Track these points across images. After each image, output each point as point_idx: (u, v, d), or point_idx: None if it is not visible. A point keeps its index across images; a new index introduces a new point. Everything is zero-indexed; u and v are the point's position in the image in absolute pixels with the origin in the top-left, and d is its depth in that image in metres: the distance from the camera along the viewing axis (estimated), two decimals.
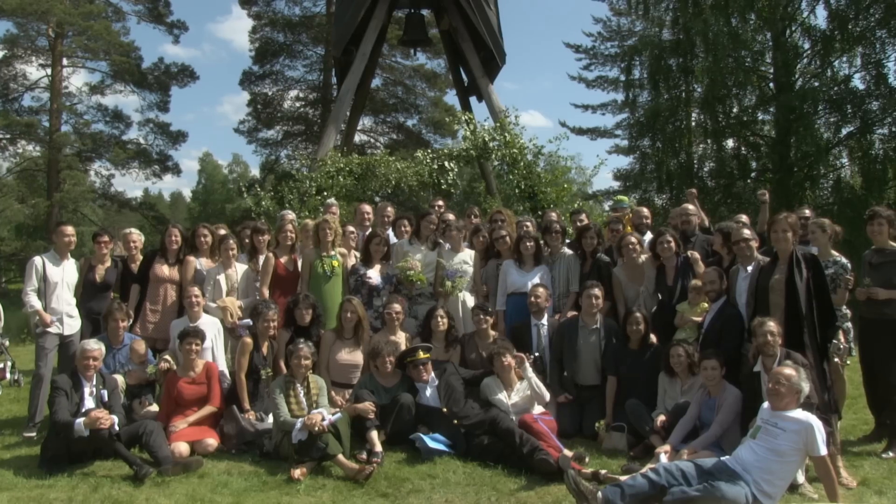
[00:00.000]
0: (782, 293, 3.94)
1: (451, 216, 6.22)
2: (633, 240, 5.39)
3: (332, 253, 5.55)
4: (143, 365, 4.89)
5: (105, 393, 4.18)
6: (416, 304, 5.61)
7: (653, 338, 4.94)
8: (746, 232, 4.68)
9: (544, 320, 5.27)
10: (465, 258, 5.69)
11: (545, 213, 7.05)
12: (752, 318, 4.04)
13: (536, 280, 5.48)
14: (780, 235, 4.10)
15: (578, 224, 6.22)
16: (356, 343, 5.08)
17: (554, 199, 9.94)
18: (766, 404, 3.42)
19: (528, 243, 5.55)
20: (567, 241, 6.10)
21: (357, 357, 5.04)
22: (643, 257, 5.35)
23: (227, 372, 5.01)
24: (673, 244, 5.20)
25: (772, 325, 3.84)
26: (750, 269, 4.48)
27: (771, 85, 16.79)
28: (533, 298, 5.20)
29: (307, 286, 5.49)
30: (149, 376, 4.78)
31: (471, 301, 5.56)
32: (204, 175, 47.20)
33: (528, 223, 6.25)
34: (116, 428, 3.96)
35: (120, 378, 4.65)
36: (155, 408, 4.70)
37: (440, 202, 6.99)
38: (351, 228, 5.95)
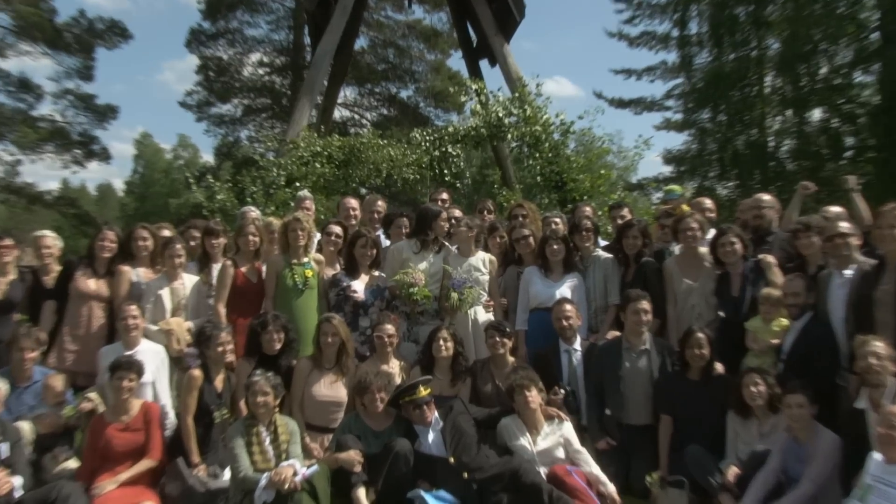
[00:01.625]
0: (892, 308, 3.87)
1: (457, 212, 6.27)
2: (694, 224, 5.33)
3: (306, 260, 5.51)
4: (59, 406, 4.65)
5: (4, 447, 4.04)
6: (416, 325, 5.55)
7: (718, 366, 4.84)
8: (844, 225, 4.57)
9: (577, 343, 5.21)
10: (478, 263, 5.60)
11: (576, 208, 6.98)
12: (851, 338, 3.97)
13: (566, 292, 5.44)
14: (886, 233, 4.04)
15: (619, 221, 6.20)
16: (338, 374, 4.98)
17: (587, 190, 9.75)
18: (876, 455, 3.33)
19: (555, 245, 5.52)
20: (602, 241, 6.20)
21: (339, 392, 4.94)
22: (704, 250, 5.31)
23: (171, 414, 4.89)
24: (739, 245, 5.13)
25: (879, 346, 3.73)
26: (848, 273, 4.39)
27: (873, 36, 16.01)
28: (560, 317, 5.14)
29: (274, 303, 5.42)
30: (66, 421, 4.56)
31: (484, 318, 5.49)
32: (141, 162, 46.67)
33: (557, 220, 6.24)
34: (17, 494, 3.83)
35: (26, 426, 4.41)
36: (73, 463, 4.48)
37: (444, 195, 6.99)
38: (335, 229, 5.86)
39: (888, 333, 3.84)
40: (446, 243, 5.77)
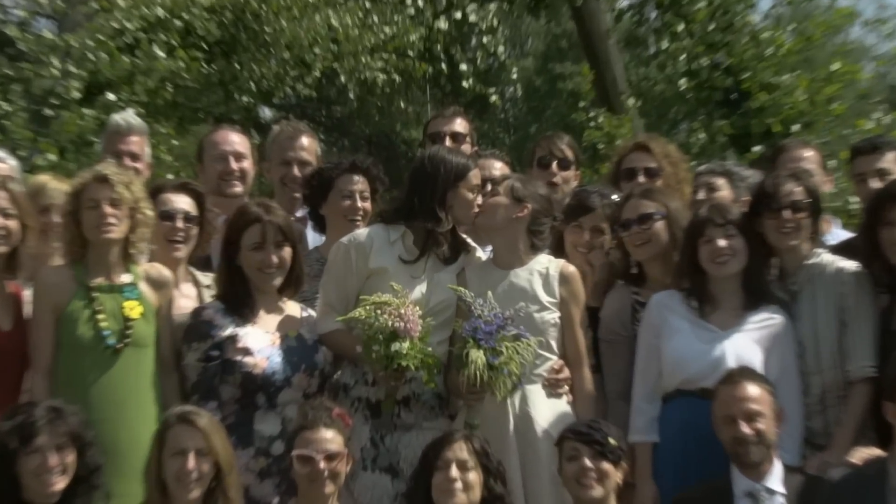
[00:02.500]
0: None
1: (496, 164, 4.49)
2: None
3: (127, 279, 3.62)
4: None
5: None
6: (393, 430, 3.58)
7: None
8: None
9: (773, 476, 3.40)
10: (534, 283, 3.61)
11: (779, 153, 4.66)
12: None
13: (749, 352, 3.59)
14: None
15: (878, 183, 4.21)
16: None
17: (800, 111, 6.59)
18: None
19: (721, 242, 3.64)
20: (838, 230, 4.60)
21: None
22: None
23: None
24: None
25: None
26: None
27: None
28: (736, 416, 3.38)
29: (46, 374, 3.55)
30: None
31: (550, 412, 3.63)
32: None
33: (719, 180, 4.31)
34: None
35: None
36: None
37: (458, 122, 4.86)
38: (218, 213, 4.17)
39: None
40: (470, 242, 3.86)
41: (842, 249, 3.81)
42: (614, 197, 4.01)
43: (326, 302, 3.61)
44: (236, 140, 4.74)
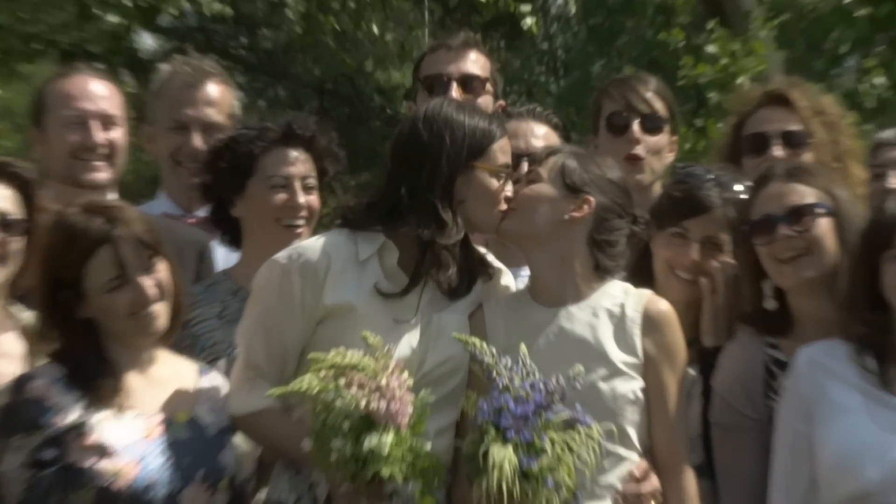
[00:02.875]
0: None
1: (538, 129, 3.82)
2: None
3: None
4: None
5: None
6: None
7: None
8: None
9: None
10: (598, 327, 2.97)
11: None
12: None
13: None
14: None
15: None
16: None
17: None
18: None
19: None
20: None
21: None
22: None
23: None
24: None
25: None
26: None
27: None
28: None
29: None
30: None
31: None
32: None
33: None
34: None
35: None
36: None
37: (472, 58, 4.04)
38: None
39: None
40: (493, 261, 3.15)
41: None
42: (739, 188, 3.23)
43: (248, 362, 2.81)
44: (100, 91, 3.82)
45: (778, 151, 3.51)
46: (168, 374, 2.77)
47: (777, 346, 2.93)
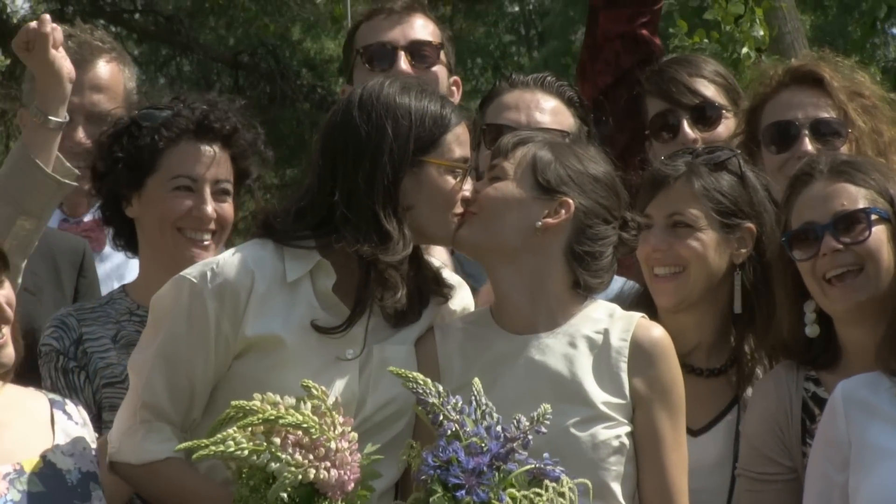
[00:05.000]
0: None
1: (544, 101, 3.95)
2: None
3: None
4: None
5: None
6: None
7: None
8: None
9: None
10: (576, 360, 3.08)
11: None
12: None
13: None
14: None
15: None
16: None
17: None
18: None
19: None
20: None
21: None
22: None
23: None
24: None
25: None
26: None
27: None
28: None
29: None
30: None
31: None
32: None
33: None
34: None
35: None
36: None
37: (419, 23, 4.27)
38: None
39: None
40: (448, 276, 3.18)
41: None
42: (717, 156, 3.31)
43: (146, 401, 2.77)
44: None
45: (807, 144, 3.40)
46: (10, 414, 2.62)
47: (819, 381, 2.86)
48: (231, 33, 13.51)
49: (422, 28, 4.03)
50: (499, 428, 2.67)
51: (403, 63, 3.79)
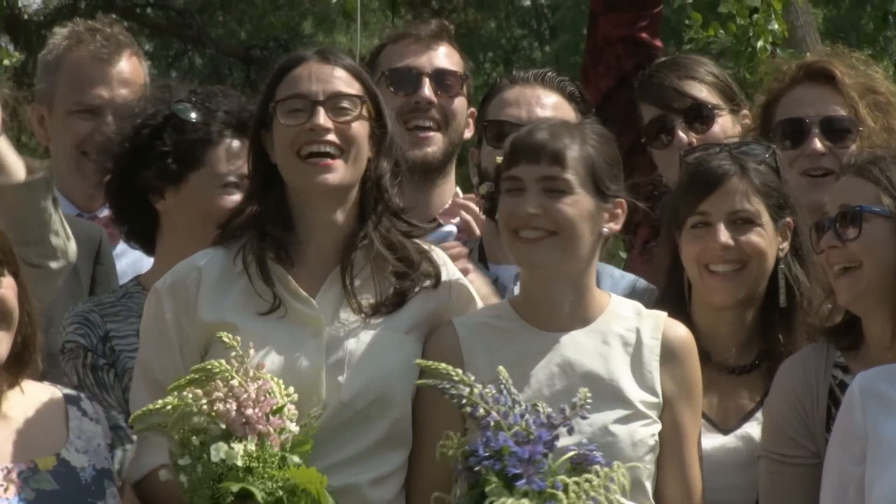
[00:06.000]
0: None
1: (544, 97, 3.89)
2: None
3: None
4: None
5: None
6: None
7: None
8: None
9: None
10: (610, 357, 3.02)
11: None
12: None
13: None
14: None
15: None
16: None
17: None
18: None
19: None
20: None
21: None
22: None
23: None
24: None
25: None
26: None
27: None
28: None
29: None
30: None
31: None
32: None
33: None
34: None
35: None
36: None
37: (444, 52, 4.28)
38: None
39: None
40: (434, 252, 3.15)
41: None
42: (758, 149, 3.30)
43: (138, 410, 2.77)
44: None
45: (816, 142, 3.42)
46: (24, 411, 2.60)
47: (847, 368, 2.84)
48: (242, 27, 13.34)
49: (447, 57, 4.07)
50: (544, 415, 2.68)
51: (427, 90, 3.83)
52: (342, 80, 2.84)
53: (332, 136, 2.78)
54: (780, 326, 3.17)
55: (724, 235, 3.00)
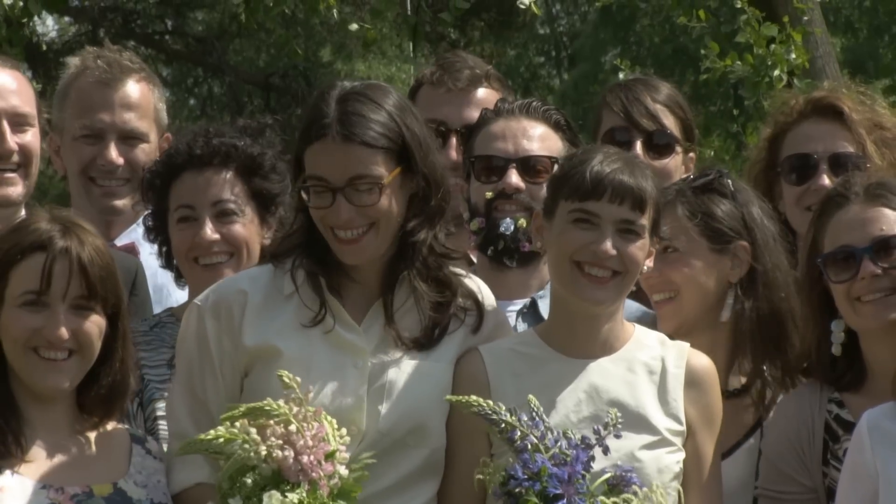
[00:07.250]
0: None
1: (531, 128, 3.73)
2: None
3: None
4: None
5: None
6: None
7: None
8: None
9: None
10: (637, 385, 3.02)
11: None
12: None
13: None
14: None
15: None
16: None
17: None
18: None
19: None
20: None
21: None
22: None
23: None
24: None
25: None
26: None
27: None
28: None
29: None
30: None
31: None
32: None
33: None
34: None
35: None
36: None
37: (481, 96, 4.18)
38: None
39: None
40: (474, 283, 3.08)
41: None
42: None
43: (174, 431, 2.82)
44: (8, 83, 3.30)
45: (824, 178, 3.33)
46: (90, 442, 2.62)
47: (842, 403, 2.77)
48: (261, 55, 13.18)
49: (477, 107, 3.96)
50: (577, 438, 2.68)
51: (452, 150, 3.84)
52: (362, 161, 2.72)
53: (356, 219, 2.70)
54: (759, 352, 3.18)
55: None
